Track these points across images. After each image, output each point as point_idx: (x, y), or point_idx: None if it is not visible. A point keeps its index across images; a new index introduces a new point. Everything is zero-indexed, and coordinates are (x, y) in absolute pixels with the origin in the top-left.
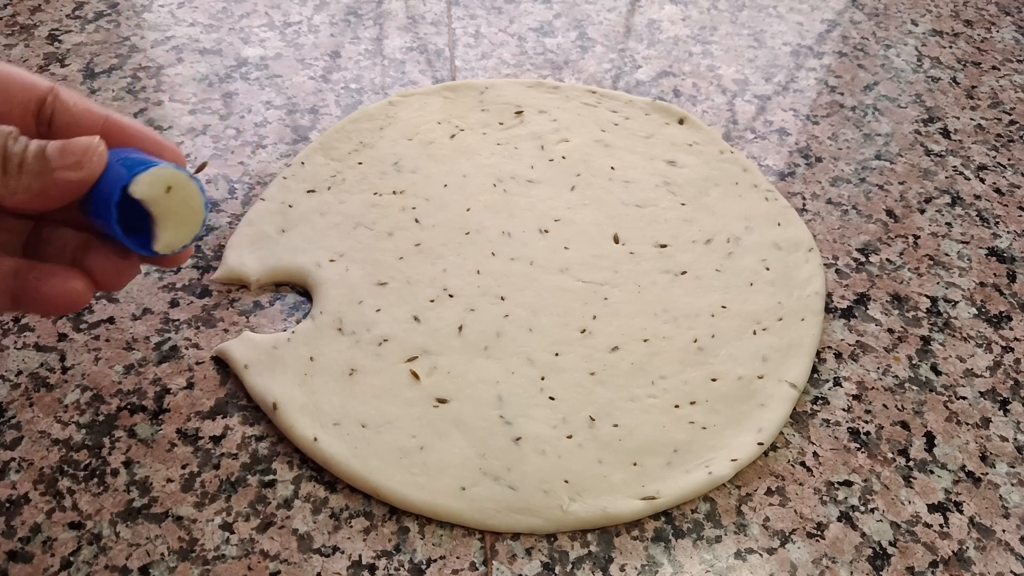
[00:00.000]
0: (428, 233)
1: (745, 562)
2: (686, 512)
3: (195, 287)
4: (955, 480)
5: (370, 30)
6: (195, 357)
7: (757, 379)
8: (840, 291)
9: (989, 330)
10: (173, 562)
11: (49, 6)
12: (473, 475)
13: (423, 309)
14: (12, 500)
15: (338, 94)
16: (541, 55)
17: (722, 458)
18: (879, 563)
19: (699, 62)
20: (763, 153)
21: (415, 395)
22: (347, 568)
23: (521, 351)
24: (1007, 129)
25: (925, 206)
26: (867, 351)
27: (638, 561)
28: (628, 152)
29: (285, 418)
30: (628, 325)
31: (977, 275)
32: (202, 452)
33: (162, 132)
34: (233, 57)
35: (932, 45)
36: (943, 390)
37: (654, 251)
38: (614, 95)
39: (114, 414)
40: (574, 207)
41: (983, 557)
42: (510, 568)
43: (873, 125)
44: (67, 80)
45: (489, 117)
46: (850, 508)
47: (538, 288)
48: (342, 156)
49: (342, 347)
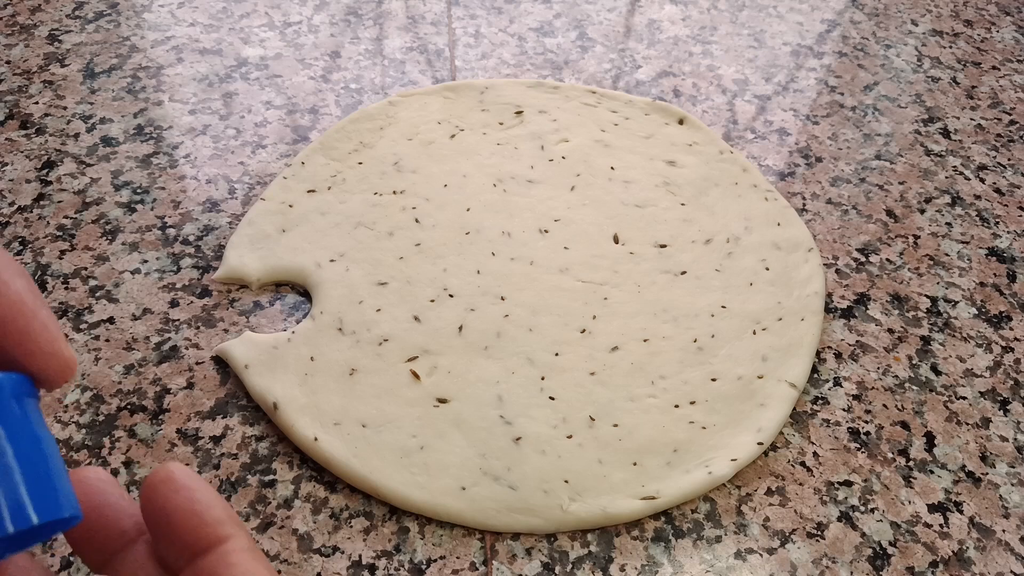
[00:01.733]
0: (428, 233)
1: (745, 562)
2: (686, 512)
3: (195, 287)
4: (955, 480)
5: (370, 30)
6: (195, 357)
7: (757, 379)
8: (840, 291)
9: (989, 330)
10: None
11: (49, 6)
12: (473, 475)
13: (423, 309)
14: None
15: (338, 94)
16: (541, 55)
17: (722, 458)
18: (879, 563)
19: (699, 62)
20: (763, 153)
21: (415, 395)
22: (347, 568)
23: (521, 351)
24: (1007, 129)
25: (925, 206)
26: (867, 351)
27: (638, 561)
28: (628, 152)
29: (285, 418)
30: (628, 325)
31: (977, 275)
32: (202, 452)
33: (162, 132)
34: (233, 57)
35: (932, 45)
36: (943, 390)
37: (654, 251)
38: (614, 95)
39: (114, 414)
40: (574, 207)
41: (983, 557)
42: (510, 568)
43: (873, 125)
44: (67, 80)
45: (489, 117)
46: (850, 508)
47: (538, 288)
48: (342, 156)
49: (342, 347)
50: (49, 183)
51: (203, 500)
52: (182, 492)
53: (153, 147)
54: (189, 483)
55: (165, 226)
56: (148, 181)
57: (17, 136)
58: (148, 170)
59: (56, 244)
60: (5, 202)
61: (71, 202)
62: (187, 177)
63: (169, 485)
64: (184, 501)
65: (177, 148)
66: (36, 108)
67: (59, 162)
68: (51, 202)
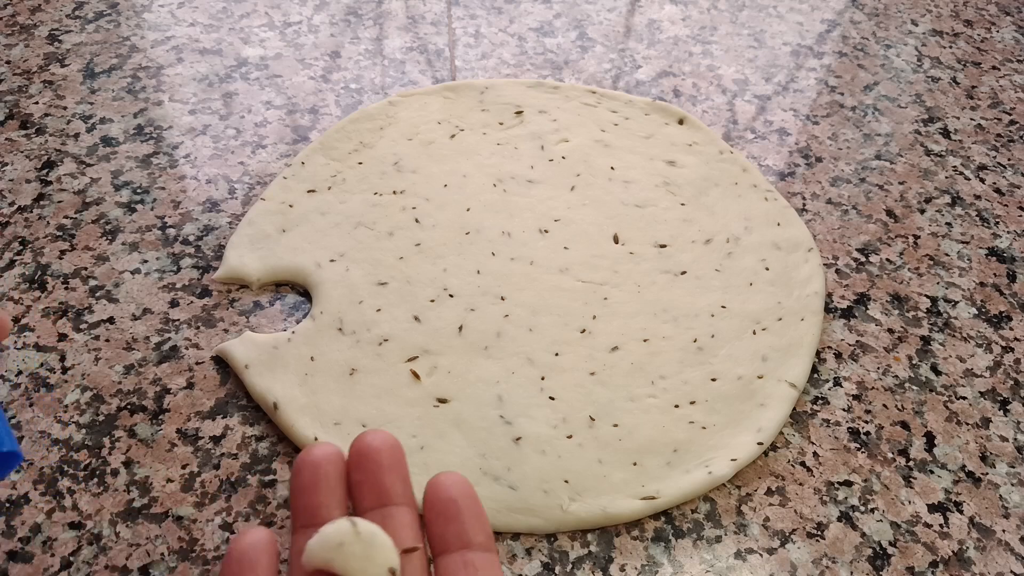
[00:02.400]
0: (428, 233)
1: (745, 562)
2: (686, 512)
3: (195, 287)
4: (955, 480)
5: (370, 30)
6: (195, 357)
7: (757, 379)
8: (840, 291)
9: (989, 330)
10: (173, 562)
11: (49, 6)
12: (473, 475)
13: (423, 309)
14: (12, 500)
15: (338, 94)
16: (541, 55)
17: (722, 458)
18: (879, 563)
19: (699, 62)
20: (763, 153)
21: (415, 395)
22: None
23: (521, 351)
24: (1007, 129)
25: (925, 206)
26: (867, 351)
27: (638, 561)
28: (628, 152)
29: (286, 418)
30: (628, 325)
31: (977, 275)
32: (202, 452)
33: (162, 132)
34: (233, 57)
35: (932, 45)
36: (943, 390)
37: (654, 251)
38: (614, 95)
39: (114, 414)
40: (574, 207)
41: (983, 557)
42: (510, 568)
43: (873, 125)
44: (67, 80)
45: (489, 117)
46: (850, 508)
47: (538, 288)
48: (342, 156)
49: (343, 347)
50: (49, 183)
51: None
52: (471, 496)
53: (153, 147)
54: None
55: (165, 226)
56: (148, 181)
57: (17, 136)
58: (148, 170)
59: (56, 244)
60: (5, 202)
61: (71, 202)
62: (187, 177)
63: (463, 488)
64: (472, 502)
65: (177, 148)
66: (36, 108)
67: (59, 162)
68: (51, 202)
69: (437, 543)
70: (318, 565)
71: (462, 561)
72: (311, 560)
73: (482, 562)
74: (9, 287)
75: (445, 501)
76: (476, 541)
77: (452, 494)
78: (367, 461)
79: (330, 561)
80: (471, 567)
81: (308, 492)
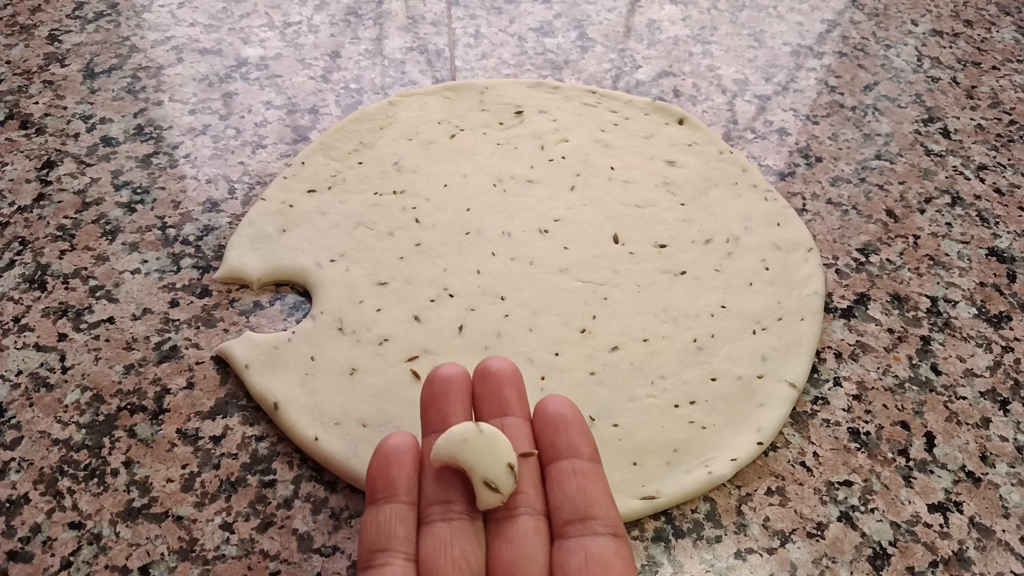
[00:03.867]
0: (428, 233)
1: (745, 562)
2: (686, 512)
3: (195, 287)
4: (955, 480)
5: (370, 30)
6: (195, 357)
7: (757, 379)
8: (840, 291)
9: (989, 330)
10: (173, 562)
11: (49, 6)
12: None
13: (423, 309)
14: (12, 500)
15: (338, 94)
16: (541, 55)
17: (722, 458)
18: (879, 563)
19: (699, 62)
20: (763, 153)
21: (416, 395)
22: (347, 568)
23: (521, 351)
24: (1007, 129)
25: (925, 206)
26: (867, 351)
27: (638, 561)
28: (628, 152)
29: (286, 418)
30: (628, 325)
31: (977, 275)
32: (202, 452)
33: (162, 132)
34: (233, 57)
35: (932, 45)
36: (943, 390)
37: (654, 251)
38: (614, 95)
39: (114, 414)
40: (574, 207)
41: (983, 557)
42: None
43: (873, 125)
44: (67, 80)
45: (489, 117)
46: (850, 508)
47: (538, 288)
48: (342, 156)
49: (343, 347)
50: (49, 183)
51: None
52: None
53: (153, 147)
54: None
55: (165, 226)
56: (148, 181)
57: (17, 136)
58: (148, 170)
59: (56, 244)
60: (5, 202)
61: (71, 202)
62: (187, 177)
63: (570, 406)
64: (579, 418)
65: (177, 148)
66: (36, 108)
67: (59, 162)
68: (51, 202)
69: (547, 452)
70: (445, 460)
71: (571, 468)
72: (439, 456)
73: (589, 469)
74: (9, 287)
75: (554, 416)
76: (584, 452)
77: (561, 410)
78: (490, 377)
79: (455, 455)
80: (580, 472)
81: (438, 400)
